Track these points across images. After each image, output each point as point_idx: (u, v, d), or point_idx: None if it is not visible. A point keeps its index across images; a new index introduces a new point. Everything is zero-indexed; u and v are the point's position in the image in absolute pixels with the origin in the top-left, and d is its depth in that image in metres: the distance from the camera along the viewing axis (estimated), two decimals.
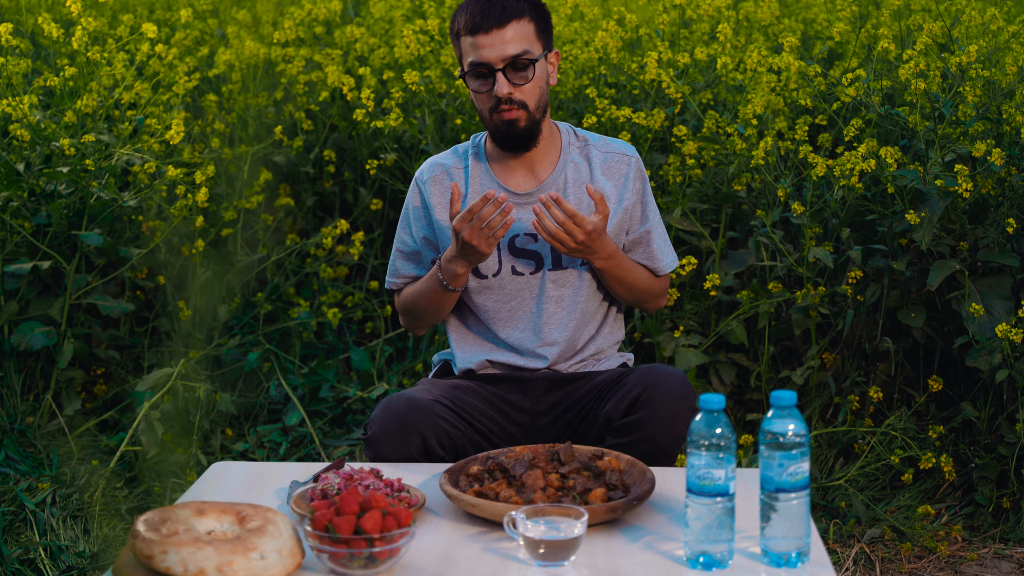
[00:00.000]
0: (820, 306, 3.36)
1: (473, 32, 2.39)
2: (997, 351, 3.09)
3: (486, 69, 2.40)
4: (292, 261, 4.10)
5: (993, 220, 3.26)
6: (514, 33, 2.39)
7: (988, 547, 3.05)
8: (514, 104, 2.40)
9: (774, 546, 1.77)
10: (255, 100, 4.10)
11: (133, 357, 3.87)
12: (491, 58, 2.39)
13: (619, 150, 2.54)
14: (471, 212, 2.30)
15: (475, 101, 2.46)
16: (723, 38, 3.49)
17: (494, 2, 2.40)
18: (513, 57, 2.39)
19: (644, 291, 2.53)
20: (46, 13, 3.93)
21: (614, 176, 2.51)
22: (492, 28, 2.38)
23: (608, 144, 2.55)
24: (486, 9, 2.39)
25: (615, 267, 2.44)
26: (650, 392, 2.28)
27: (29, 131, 3.48)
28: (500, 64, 2.39)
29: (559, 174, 2.50)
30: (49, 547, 2.99)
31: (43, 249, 3.55)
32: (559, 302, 2.49)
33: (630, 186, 2.51)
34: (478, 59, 2.40)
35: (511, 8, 2.40)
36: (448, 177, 2.54)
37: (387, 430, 2.27)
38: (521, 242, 2.49)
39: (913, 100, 3.23)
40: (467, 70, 2.43)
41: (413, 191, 2.57)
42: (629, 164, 2.52)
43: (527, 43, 2.40)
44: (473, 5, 2.41)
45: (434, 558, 1.82)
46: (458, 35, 2.44)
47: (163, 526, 1.70)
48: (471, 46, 2.40)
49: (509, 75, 2.40)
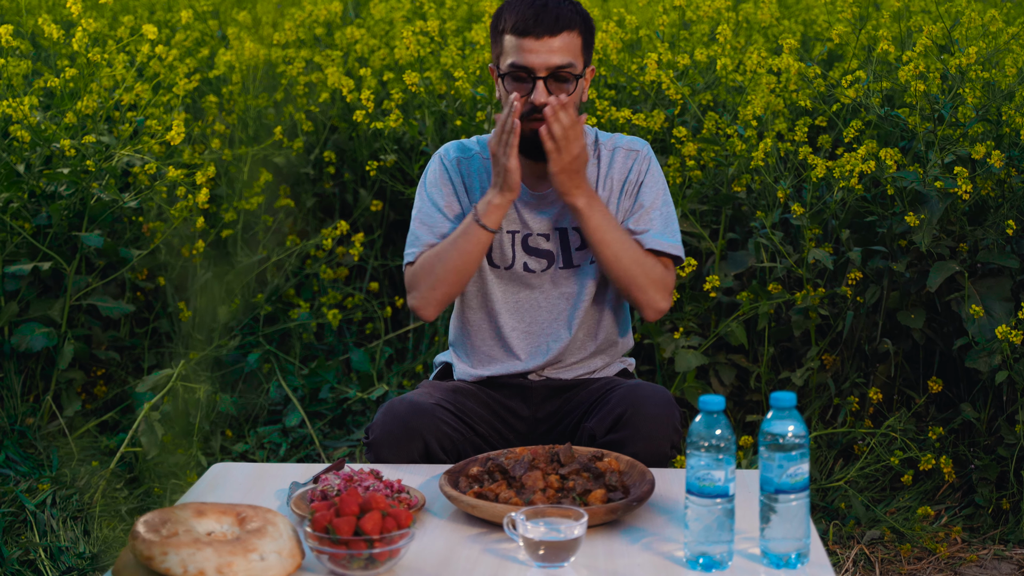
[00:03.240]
0: (820, 307, 3.36)
1: (521, 34, 2.33)
2: (997, 352, 3.09)
3: (526, 74, 2.34)
4: (292, 262, 4.10)
5: (993, 222, 3.26)
6: (562, 43, 2.33)
7: (988, 548, 3.05)
8: None
9: (774, 547, 1.77)
10: (255, 101, 4.11)
11: (133, 358, 3.87)
12: (535, 64, 2.33)
13: (627, 144, 2.50)
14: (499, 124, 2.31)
15: (504, 101, 2.39)
16: (723, 39, 3.49)
17: (548, 8, 2.33)
18: (557, 67, 2.33)
19: (633, 262, 2.39)
20: (46, 14, 3.93)
21: (620, 170, 2.49)
22: (543, 35, 2.32)
23: (617, 140, 2.51)
24: (540, 13, 2.32)
25: (597, 214, 2.37)
26: (633, 412, 2.27)
27: (29, 132, 3.49)
28: (543, 72, 2.33)
29: None
30: (49, 548, 2.99)
31: (43, 250, 3.55)
32: (568, 298, 2.48)
33: (631, 178, 2.48)
34: (521, 62, 2.33)
35: (564, 18, 2.34)
36: (472, 162, 2.51)
37: (389, 434, 2.27)
38: (534, 241, 2.48)
39: (913, 102, 3.23)
40: (505, 71, 2.36)
41: (438, 166, 2.52)
42: (635, 158, 2.49)
43: (573, 56, 2.35)
44: (525, 6, 2.34)
45: (434, 559, 1.82)
46: (502, 32, 2.37)
47: (163, 527, 1.70)
48: (515, 47, 2.34)
49: (550, 85, 2.34)
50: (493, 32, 2.41)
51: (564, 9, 2.34)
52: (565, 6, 2.35)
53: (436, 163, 2.53)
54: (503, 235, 2.48)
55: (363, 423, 3.68)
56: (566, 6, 2.35)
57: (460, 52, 3.92)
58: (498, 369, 2.50)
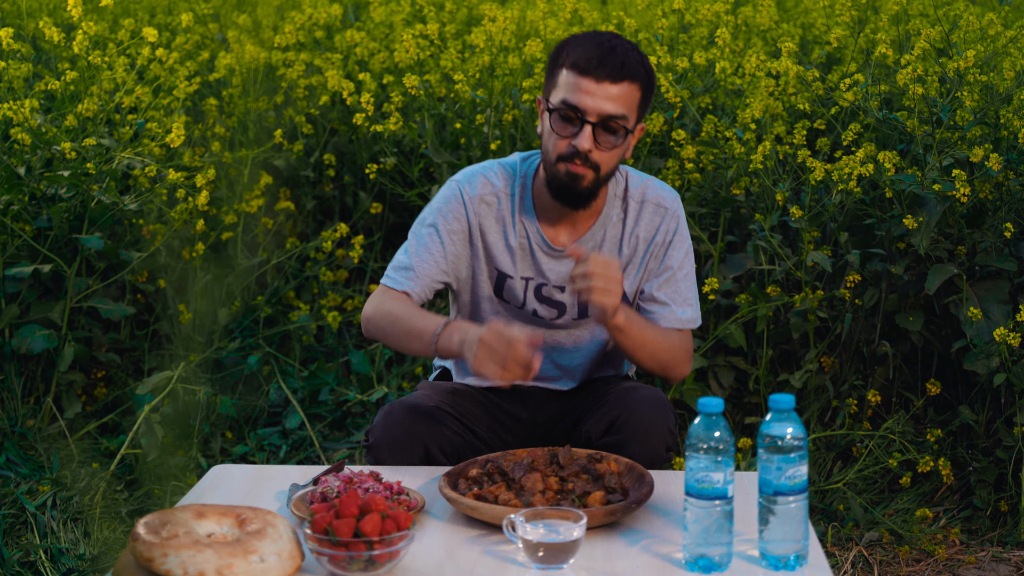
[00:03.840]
0: (818, 310, 3.37)
1: (582, 72, 2.20)
2: (995, 355, 3.10)
3: (575, 115, 2.22)
4: (292, 265, 4.11)
5: (991, 224, 3.27)
6: (620, 92, 2.21)
7: (986, 550, 3.06)
8: (589, 163, 2.24)
9: (772, 549, 1.77)
10: (255, 104, 4.11)
11: (133, 360, 3.87)
12: (588, 106, 2.20)
13: (656, 199, 2.39)
14: (507, 343, 2.04)
15: (545, 137, 2.27)
16: (722, 43, 3.50)
17: (616, 52, 2.21)
18: (609, 116, 2.21)
19: (664, 351, 2.32)
20: (47, 17, 3.94)
21: (647, 228, 2.39)
22: (604, 79, 2.19)
23: (647, 190, 2.39)
24: (605, 56, 2.20)
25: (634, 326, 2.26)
26: (627, 415, 2.27)
27: (30, 135, 3.49)
28: (594, 118, 2.21)
29: (598, 230, 2.38)
30: (49, 550, 2.99)
31: (44, 252, 3.55)
32: (576, 342, 2.45)
33: (657, 239, 2.39)
34: (573, 101, 2.21)
35: (630, 66, 2.21)
36: (497, 201, 2.37)
37: (389, 437, 2.27)
38: (548, 291, 2.40)
39: (911, 105, 3.24)
40: (554, 106, 2.24)
41: (456, 201, 2.37)
42: (664, 216, 2.38)
43: (628, 108, 2.22)
44: (592, 45, 2.21)
45: (433, 561, 1.82)
46: (560, 65, 2.24)
47: (163, 529, 1.71)
48: (571, 85, 2.21)
49: (597, 133, 2.22)
50: (551, 64, 2.28)
51: (631, 58, 2.22)
52: (633, 55, 2.23)
53: (454, 195, 2.39)
54: (516, 280, 2.39)
55: (363, 425, 3.69)
56: (633, 55, 2.23)
57: (460, 55, 3.93)
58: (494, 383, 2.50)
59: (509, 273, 2.39)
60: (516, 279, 2.39)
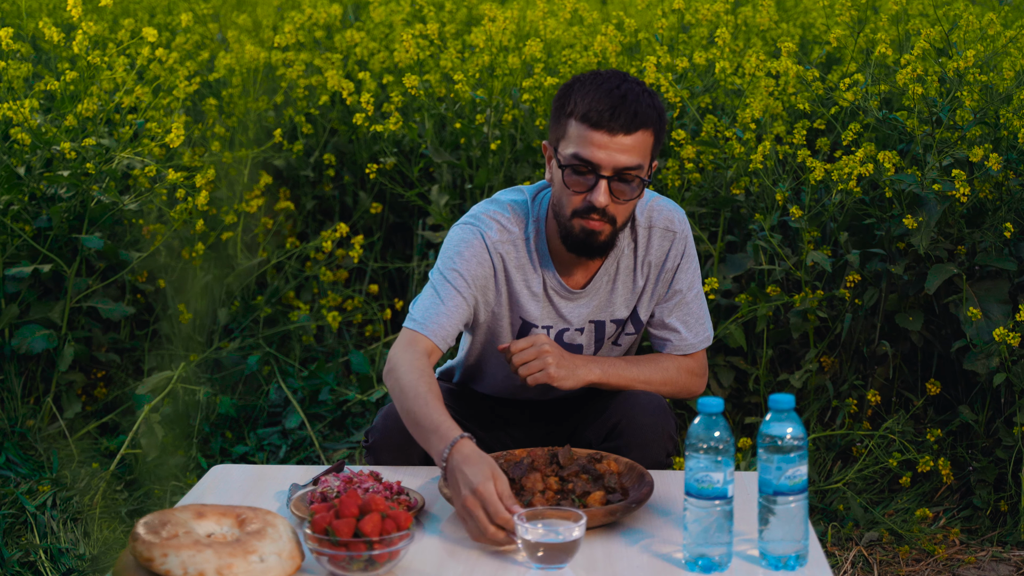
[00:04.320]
0: (818, 310, 3.37)
1: (594, 126, 2.11)
2: (995, 355, 3.10)
3: (589, 169, 2.13)
4: (292, 264, 4.11)
5: (991, 224, 3.27)
6: (634, 143, 2.12)
7: (986, 550, 3.06)
8: (606, 217, 2.16)
9: (772, 549, 1.78)
10: (255, 104, 4.11)
11: (133, 360, 3.87)
12: (602, 161, 2.11)
13: (664, 223, 2.32)
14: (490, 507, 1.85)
15: (557, 190, 2.19)
16: (721, 43, 3.50)
17: (627, 101, 2.11)
18: (624, 168, 2.13)
19: (662, 384, 2.32)
20: (47, 17, 3.95)
21: (657, 253, 2.33)
22: (617, 132, 2.10)
23: (653, 215, 2.32)
24: (616, 107, 2.10)
25: (613, 373, 2.26)
26: (627, 421, 2.26)
27: (30, 135, 3.49)
28: (609, 172, 2.12)
29: (611, 264, 2.32)
30: (49, 550, 2.99)
31: (44, 252, 3.55)
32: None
33: (668, 265, 2.33)
34: (586, 155, 2.11)
35: (642, 115, 2.12)
36: (515, 249, 2.27)
37: (389, 438, 2.26)
38: (570, 336, 2.35)
39: (911, 105, 3.24)
40: (566, 162, 2.14)
41: (479, 245, 2.25)
42: (672, 240, 2.32)
43: (642, 157, 2.14)
44: (602, 95, 2.11)
45: (433, 561, 1.82)
46: (569, 115, 2.14)
47: (163, 529, 1.71)
48: (583, 138, 2.11)
49: (612, 186, 2.14)
50: (557, 110, 2.18)
51: (643, 104, 2.13)
52: (644, 100, 2.14)
53: (476, 239, 2.27)
54: (538, 329, 2.33)
55: (363, 425, 3.69)
56: (645, 100, 2.14)
57: (459, 55, 3.93)
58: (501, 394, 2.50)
59: (534, 322, 2.33)
60: (539, 328, 2.33)
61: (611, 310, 2.35)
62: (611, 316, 2.35)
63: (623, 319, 2.36)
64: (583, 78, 2.17)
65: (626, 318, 2.36)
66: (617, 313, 2.35)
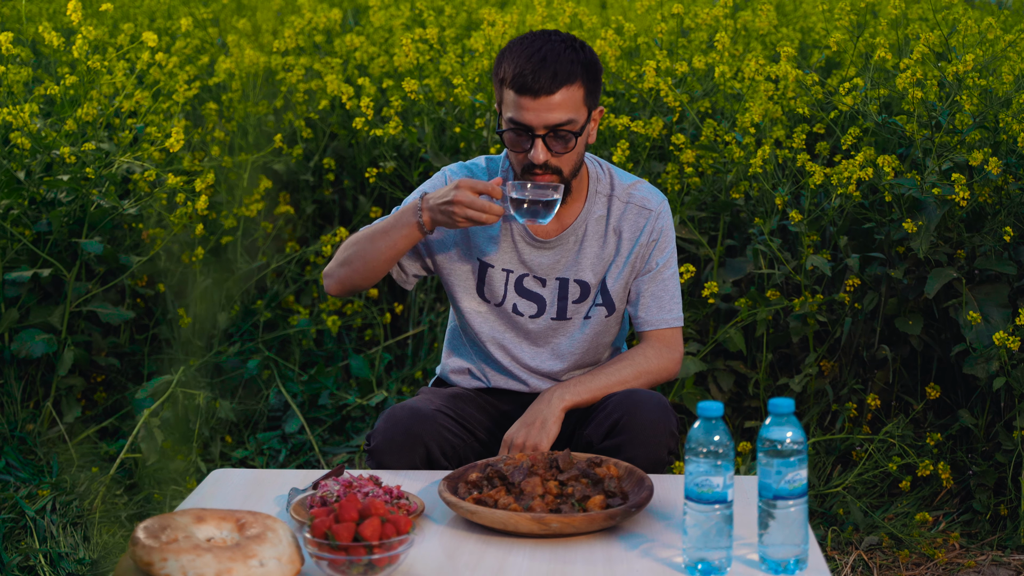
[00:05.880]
0: (818, 314, 3.37)
1: (519, 91, 2.23)
2: (994, 359, 3.10)
3: (524, 131, 2.26)
4: (292, 269, 4.11)
5: (990, 228, 3.27)
6: (561, 99, 2.24)
7: (986, 554, 3.06)
8: (549, 170, 2.28)
9: (772, 553, 1.78)
10: (255, 108, 4.12)
11: (133, 364, 3.87)
12: (532, 122, 2.24)
13: (641, 201, 2.43)
14: (475, 191, 2.20)
15: (509, 153, 2.34)
16: (721, 47, 3.51)
17: (547, 63, 2.22)
18: (556, 125, 2.25)
19: (635, 379, 2.39)
20: (47, 22, 3.94)
21: (630, 228, 2.43)
22: (540, 93, 2.22)
23: (632, 193, 2.44)
24: (537, 70, 2.22)
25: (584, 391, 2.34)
26: (628, 418, 2.27)
27: (30, 139, 3.50)
28: (541, 131, 2.25)
29: (580, 224, 2.41)
30: (49, 554, 2.99)
31: (43, 257, 3.55)
32: (555, 349, 2.47)
33: (642, 240, 2.42)
34: (519, 119, 2.25)
35: (563, 73, 2.23)
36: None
37: (391, 441, 2.27)
38: (529, 283, 2.43)
39: (910, 109, 3.24)
40: (504, 126, 2.29)
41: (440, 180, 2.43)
42: (648, 218, 2.42)
43: (573, 111, 2.26)
44: (523, 59, 2.24)
45: (433, 565, 1.82)
46: (502, 82, 2.28)
47: (163, 533, 1.70)
48: (513, 103, 2.25)
49: (549, 142, 2.26)
50: (494, 78, 2.33)
51: (563, 63, 2.24)
52: (565, 57, 2.25)
53: (438, 178, 2.45)
54: (497, 271, 2.43)
55: (362, 429, 3.69)
56: (566, 56, 2.25)
57: (459, 59, 3.93)
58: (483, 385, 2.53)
59: (490, 263, 2.42)
60: (497, 269, 2.42)
61: (576, 269, 2.42)
62: (575, 275, 2.42)
63: (589, 284, 2.43)
64: (512, 43, 2.30)
65: (594, 285, 2.43)
66: (583, 275, 2.42)
